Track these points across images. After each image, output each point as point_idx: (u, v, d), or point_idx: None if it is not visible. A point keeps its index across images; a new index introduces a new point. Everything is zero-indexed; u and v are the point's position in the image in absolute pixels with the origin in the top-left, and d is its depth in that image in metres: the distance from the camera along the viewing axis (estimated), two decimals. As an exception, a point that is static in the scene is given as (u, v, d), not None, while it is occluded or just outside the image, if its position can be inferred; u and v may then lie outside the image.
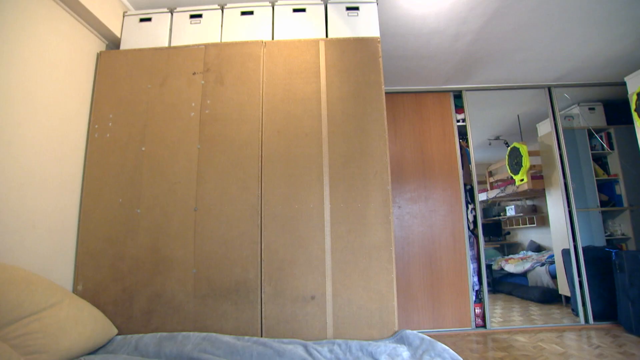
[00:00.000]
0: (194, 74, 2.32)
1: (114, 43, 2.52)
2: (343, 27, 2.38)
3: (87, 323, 1.76)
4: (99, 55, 2.39)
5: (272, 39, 2.40)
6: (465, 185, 3.73)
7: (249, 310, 2.02)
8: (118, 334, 1.97)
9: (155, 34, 2.46)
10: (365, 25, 2.39)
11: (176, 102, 2.28)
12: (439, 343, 1.73)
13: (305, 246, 2.04)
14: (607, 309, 3.59)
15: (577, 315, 3.67)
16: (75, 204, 2.16)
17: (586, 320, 3.60)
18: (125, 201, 2.16)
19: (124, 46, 2.46)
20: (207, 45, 2.37)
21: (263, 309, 2.02)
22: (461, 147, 3.80)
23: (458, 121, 3.89)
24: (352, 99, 2.19)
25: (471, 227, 3.69)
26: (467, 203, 3.71)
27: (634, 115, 3.03)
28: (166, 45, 2.44)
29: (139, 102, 2.28)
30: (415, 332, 1.86)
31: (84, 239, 2.13)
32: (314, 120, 2.16)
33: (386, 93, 3.86)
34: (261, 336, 2.03)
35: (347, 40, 2.32)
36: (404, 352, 1.77)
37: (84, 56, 2.28)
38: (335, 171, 2.08)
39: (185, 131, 2.24)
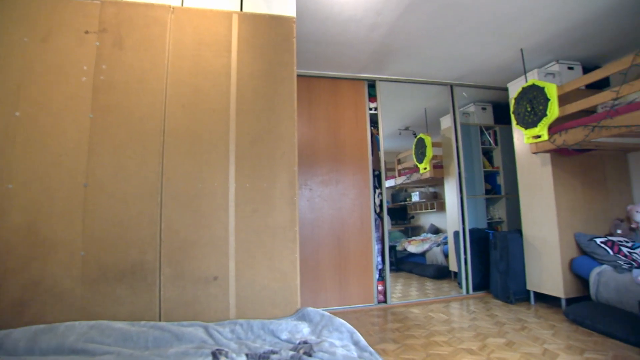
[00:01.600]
0: (87, 32, 2.06)
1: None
2: (259, 1, 2.31)
3: None
4: (-42, -3, 1.98)
5: (182, 4, 2.23)
6: (373, 170, 3.96)
7: (147, 294, 1.91)
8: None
9: (37, -20, 2.11)
10: (282, 3, 2.34)
11: (62, 63, 2.00)
12: (338, 318, 1.84)
13: (208, 226, 1.98)
14: (483, 281, 4.18)
15: (461, 287, 4.20)
16: None
17: (467, 291, 4.14)
18: (-9, 174, 1.85)
19: (-7, -11, 2.07)
20: (103, 1, 2.11)
21: (162, 292, 1.93)
22: (372, 135, 4.01)
23: (371, 109, 4.08)
24: (263, 78, 2.15)
25: (377, 210, 3.95)
26: (374, 188, 3.95)
27: (512, 116, 3.50)
28: (51, -6, 2.11)
29: (11, 57, 1.94)
30: (316, 309, 1.94)
31: None
32: (223, 97, 2.08)
33: (303, 76, 3.90)
34: (159, 320, 1.94)
35: (262, 17, 2.26)
36: (305, 328, 1.84)
37: None
38: (242, 150, 2.04)
39: (74, 98, 1.99)
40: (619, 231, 3.50)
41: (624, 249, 3.11)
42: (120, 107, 2.01)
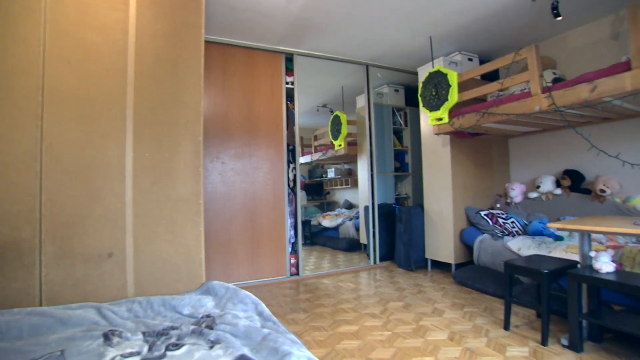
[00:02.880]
0: None
1: None
2: (162, -48, 2.08)
3: None
4: None
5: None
6: (288, 145, 3.96)
7: (23, 277, 1.69)
8: None
9: None
10: (190, -43, 2.14)
11: None
12: (243, 291, 1.83)
13: (101, 199, 1.79)
14: (389, 252, 4.54)
15: (369, 258, 4.50)
16: None
17: (375, 262, 4.47)
18: None
19: None
20: None
21: (43, 273, 1.71)
22: (287, 109, 3.98)
23: (287, 83, 4.03)
24: (166, 39, 1.96)
25: (291, 185, 3.98)
26: (288, 162, 3.96)
27: (420, 99, 3.76)
28: None
29: None
30: (221, 282, 1.91)
31: None
32: (119, 56, 1.85)
33: (216, 43, 3.68)
34: (40, 305, 1.73)
35: (166, -31, 2.04)
36: (209, 302, 1.80)
37: None
38: (141, 116, 1.86)
39: None
40: (498, 205, 4.05)
41: (500, 220, 3.62)
42: (-18, 57, 1.67)
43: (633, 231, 1.87)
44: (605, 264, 2.08)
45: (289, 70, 4.07)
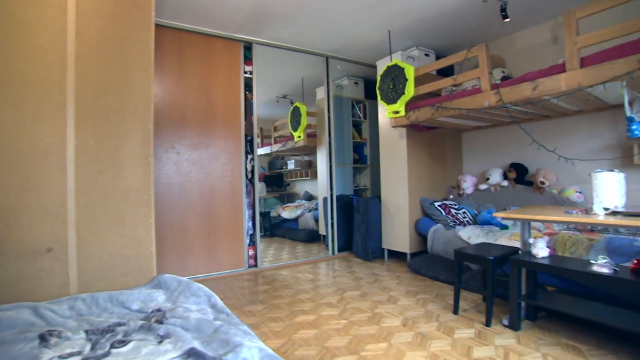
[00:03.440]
0: None
1: None
2: None
3: None
4: None
5: None
6: (246, 136, 3.89)
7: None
8: None
9: None
10: None
11: None
12: (195, 283, 1.79)
13: (39, 189, 1.66)
14: (347, 242, 4.62)
15: (328, 249, 4.56)
16: None
17: (333, 252, 4.53)
18: None
19: None
20: None
21: (-32, 272, 1.57)
22: (246, 99, 3.90)
23: (246, 73, 3.94)
24: (112, 19, 1.83)
25: (249, 176, 3.92)
26: (246, 153, 3.90)
27: (378, 92, 3.83)
28: None
29: None
30: (173, 275, 1.85)
31: None
32: (56, 33, 1.71)
33: (172, 28, 3.52)
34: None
35: (111, -56, 1.90)
36: (160, 296, 1.74)
37: None
38: (84, 101, 1.73)
39: None
40: (451, 196, 4.24)
41: (453, 210, 3.79)
42: None
43: (564, 219, 2.04)
44: (541, 250, 2.25)
45: (248, 60, 3.97)
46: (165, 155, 3.47)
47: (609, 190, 2.04)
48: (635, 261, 1.87)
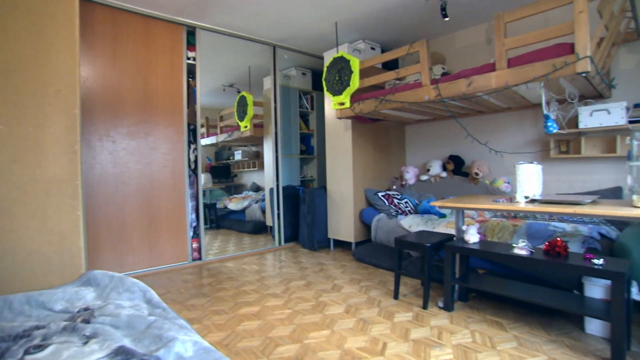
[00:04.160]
0: None
1: None
2: None
3: None
4: None
5: None
6: (189, 125, 3.73)
7: None
8: None
9: None
10: None
11: None
12: (130, 278, 1.69)
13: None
14: (294, 233, 4.64)
15: (274, 240, 4.54)
16: None
17: (280, 243, 4.53)
18: None
19: None
20: None
21: None
22: (189, 86, 3.73)
23: (189, 59, 3.76)
24: (25, -13, 1.63)
25: (192, 166, 3.78)
26: (189, 143, 3.74)
27: (324, 83, 3.85)
28: None
29: None
30: (105, 271, 1.74)
31: None
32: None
33: (105, 5, 3.26)
34: None
35: None
36: (89, 294, 1.63)
37: None
38: (-11, 80, 1.54)
39: None
40: (394, 186, 4.41)
41: (395, 200, 3.95)
42: None
43: (490, 207, 2.21)
44: (472, 236, 2.42)
45: (191, 45, 3.79)
46: (100, 143, 3.22)
47: (529, 180, 2.24)
48: (547, 243, 2.09)
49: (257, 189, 6.11)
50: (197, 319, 2.42)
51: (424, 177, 4.31)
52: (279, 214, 4.52)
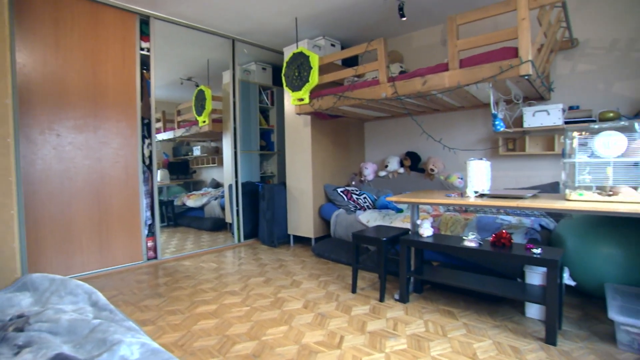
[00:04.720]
0: None
1: None
2: None
3: None
4: None
5: None
6: (143, 119, 3.56)
7: None
8: None
9: None
10: None
11: None
12: (73, 280, 1.60)
13: None
14: (253, 229, 4.59)
15: (234, 237, 4.47)
16: None
17: (239, 240, 4.46)
18: None
19: None
20: None
21: None
22: (143, 78, 3.56)
23: (142, 49, 3.58)
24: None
25: (147, 162, 3.61)
26: (143, 137, 3.58)
27: (283, 78, 3.82)
28: None
29: None
30: (44, 274, 1.63)
31: None
32: None
33: (42, -14, 3.01)
34: None
35: None
36: (24, 300, 1.52)
37: None
38: None
39: None
40: (353, 182, 4.48)
41: (354, 196, 4.01)
42: None
43: (442, 202, 2.31)
44: (426, 230, 2.51)
45: (145, 35, 3.61)
46: (41, 137, 3.00)
47: (478, 176, 2.35)
48: (493, 235, 2.21)
49: (217, 185, 5.97)
50: (150, 320, 2.33)
51: (382, 173, 4.41)
52: (238, 211, 4.45)
